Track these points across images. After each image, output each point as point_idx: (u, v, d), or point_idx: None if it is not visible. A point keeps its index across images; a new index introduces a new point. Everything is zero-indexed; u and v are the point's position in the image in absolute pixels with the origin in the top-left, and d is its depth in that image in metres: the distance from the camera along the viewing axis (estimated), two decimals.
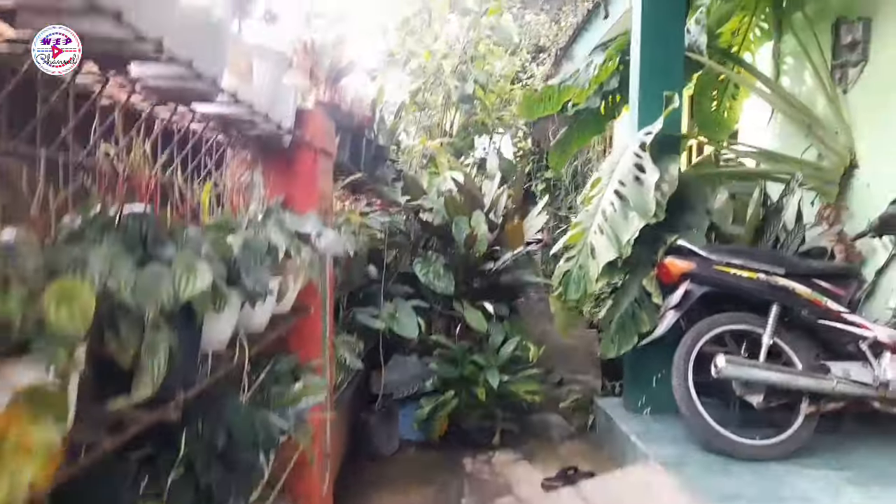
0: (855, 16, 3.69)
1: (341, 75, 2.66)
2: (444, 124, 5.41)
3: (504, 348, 3.57)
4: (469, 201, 3.93)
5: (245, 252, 1.44)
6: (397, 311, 3.50)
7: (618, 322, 3.27)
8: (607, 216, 3.18)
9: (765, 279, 2.88)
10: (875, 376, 2.76)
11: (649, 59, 3.41)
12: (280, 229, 1.70)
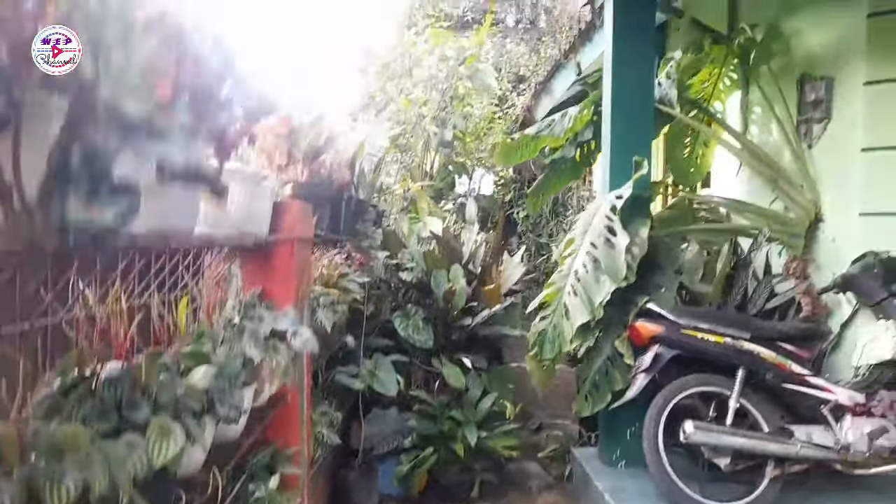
0: (818, 74, 3.82)
1: (319, 153, 2.72)
2: (425, 165, 5.50)
3: (482, 403, 3.64)
4: (448, 254, 4.00)
5: (219, 380, 1.50)
6: (377, 367, 3.55)
7: (591, 381, 3.36)
8: (580, 278, 3.27)
9: (731, 343, 2.98)
10: (836, 440, 2.86)
11: (620, 123, 3.52)
12: (255, 341, 1.75)
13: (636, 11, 3.53)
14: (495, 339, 3.98)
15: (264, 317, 2.02)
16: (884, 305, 3.12)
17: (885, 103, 3.41)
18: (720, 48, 4.26)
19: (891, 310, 3.10)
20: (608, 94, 3.57)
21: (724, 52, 4.30)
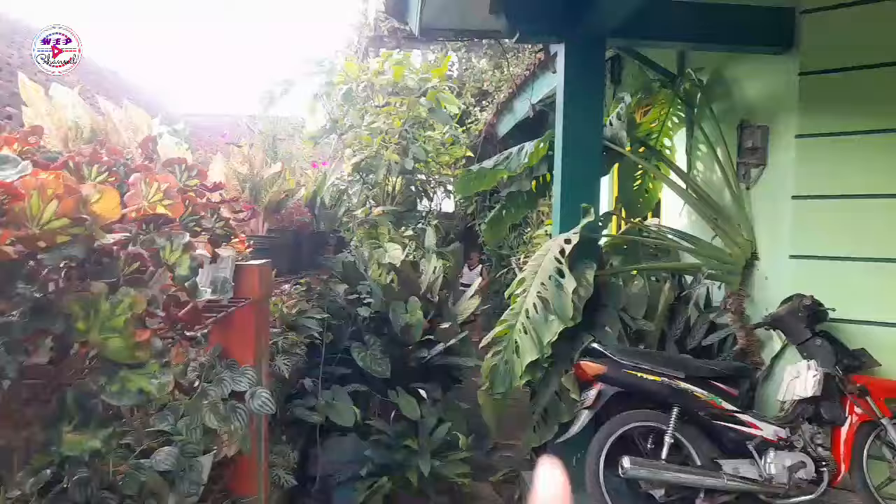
0: (756, 122, 4.08)
1: (280, 206, 2.82)
2: (387, 188, 5.61)
3: (437, 432, 3.80)
4: (406, 286, 4.13)
5: (181, 459, 1.62)
6: (334, 398, 3.67)
7: (540, 413, 3.55)
8: (530, 317, 3.45)
9: (667, 383, 3.20)
10: (760, 473, 3.10)
11: (570, 169, 3.71)
12: (215, 412, 1.86)
13: (586, 61, 3.71)
14: (451, 369, 4.13)
15: (224, 378, 2.13)
16: (807, 345, 3.38)
17: (814, 156, 3.67)
18: (667, 92, 4.49)
19: (813, 349, 3.36)
20: (559, 141, 3.76)
21: (671, 95, 4.53)
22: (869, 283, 3.53)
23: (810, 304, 3.32)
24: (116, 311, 0.72)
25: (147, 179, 0.91)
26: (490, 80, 9.26)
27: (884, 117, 3.51)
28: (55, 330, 0.68)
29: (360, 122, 5.09)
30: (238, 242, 1.65)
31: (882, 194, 3.51)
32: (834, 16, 3.63)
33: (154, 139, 1.29)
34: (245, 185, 2.56)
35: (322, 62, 5.12)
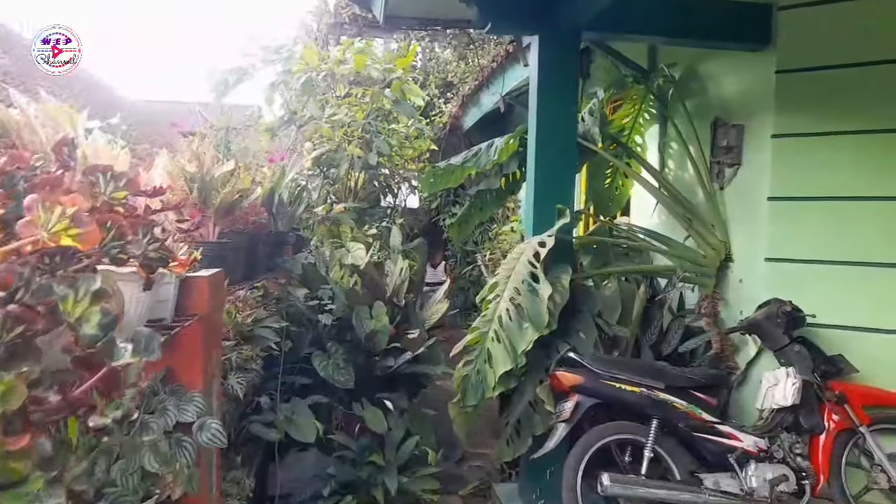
0: (731, 120, 3.98)
1: (233, 207, 2.56)
2: (350, 183, 5.35)
3: (404, 446, 3.59)
4: (371, 289, 3.90)
5: None
6: (294, 412, 3.43)
7: (513, 425, 3.38)
8: (503, 324, 3.26)
9: (646, 394, 3.07)
10: (742, 486, 3.00)
11: (544, 167, 3.54)
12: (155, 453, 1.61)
13: (561, 55, 3.53)
14: (419, 377, 3.93)
15: (168, 408, 1.88)
16: (785, 351, 3.30)
17: (791, 156, 3.58)
18: (640, 88, 4.35)
19: (791, 356, 3.27)
20: (532, 139, 3.58)
21: (643, 91, 4.40)
22: (846, 287, 3.46)
23: (790, 310, 3.24)
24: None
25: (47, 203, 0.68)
26: (455, 72, 9.04)
27: (862, 118, 3.44)
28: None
29: (321, 113, 4.81)
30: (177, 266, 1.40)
31: (860, 197, 3.44)
32: (812, 13, 3.54)
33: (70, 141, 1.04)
34: (193, 186, 2.30)
35: (279, 49, 4.81)
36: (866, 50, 3.42)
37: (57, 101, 1.58)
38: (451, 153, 8.40)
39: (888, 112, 3.38)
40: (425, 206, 8.45)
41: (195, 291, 2.07)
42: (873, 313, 3.41)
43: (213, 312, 2.22)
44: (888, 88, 3.38)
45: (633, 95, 4.51)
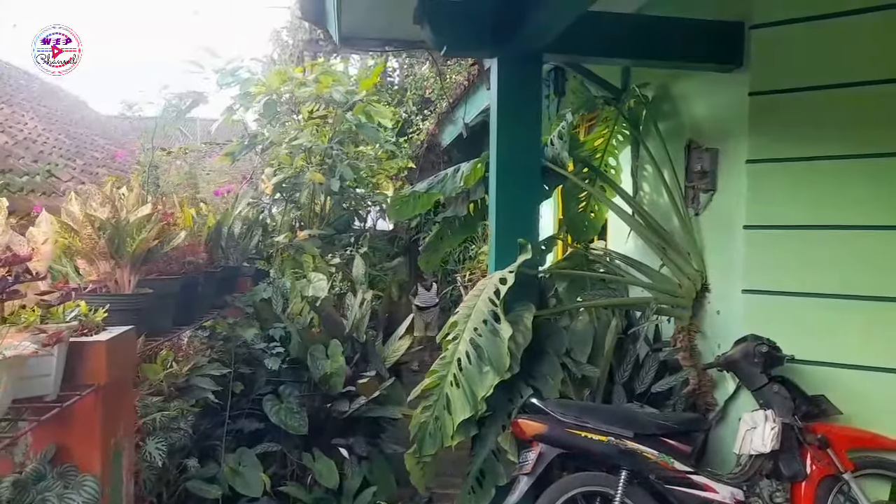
0: (705, 143, 3.79)
1: (153, 252, 2.34)
2: (315, 207, 5.14)
3: (361, 497, 3.36)
4: (329, 326, 3.69)
5: None
6: (241, 463, 3.20)
7: (475, 475, 3.16)
8: (463, 367, 3.05)
9: (615, 443, 2.86)
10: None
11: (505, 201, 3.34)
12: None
13: (522, 79, 3.34)
14: (378, 420, 3.70)
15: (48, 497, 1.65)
16: (763, 391, 3.10)
17: (766, 182, 3.40)
18: (611, 110, 4.17)
19: (770, 396, 3.07)
20: (493, 167, 3.39)
21: (615, 112, 4.22)
22: (827, 320, 3.27)
23: (766, 350, 3.03)
24: None
25: None
26: (432, 88, 8.88)
27: (841, 142, 3.26)
28: None
29: (281, 139, 4.60)
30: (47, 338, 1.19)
31: (840, 226, 3.26)
32: (785, 32, 3.37)
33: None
34: (103, 234, 2.08)
35: (236, 71, 4.60)
36: (844, 70, 3.25)
37: None
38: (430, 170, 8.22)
39: (868, 136, 3.20)
40: (405, 224, 8.25)
41: (90, 358, 1.85)
42: (857, 349, 3.21)
43: (117, 378, 1.99)
44: (868, 111, 3.21)
45: (605, 116, 4.32)
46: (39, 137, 6.09)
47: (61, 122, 8.52)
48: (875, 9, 3.16)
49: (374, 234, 6.30)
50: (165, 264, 2.58)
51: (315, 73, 4.86)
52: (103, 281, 2.15)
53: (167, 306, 2.63)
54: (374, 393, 3.45)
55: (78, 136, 8.23)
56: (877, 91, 3.18)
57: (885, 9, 3.14)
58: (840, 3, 3.22)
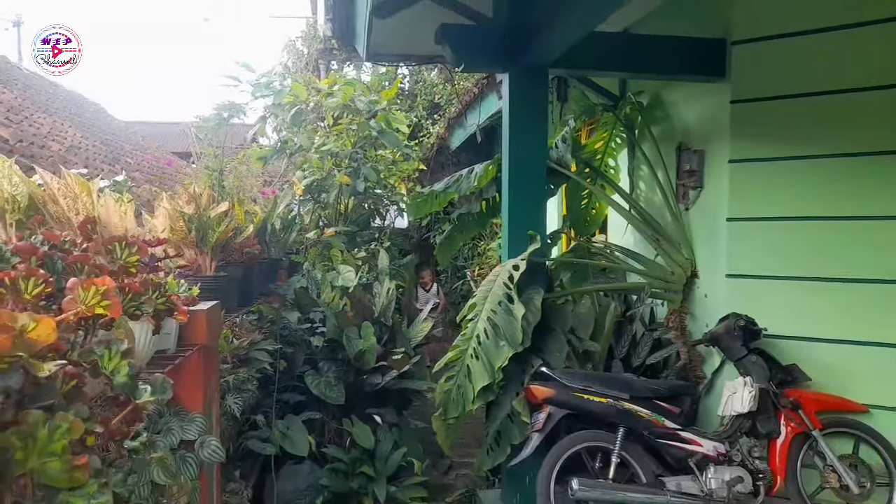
0: (693, 145, 4.26)
1: (228, 244, 2.82)
2: (340, 207, 5.62)
3: (392, 457, 3.84)
4: (359, 310, 4.16)
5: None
6: (288, 428, 3.68)
7: (493, 436, 3.63)
8: (481, 342, 3.53)
9: (613, 404, 3.32)
10: (701, 488, 3.25)
11: (516, 199, 3.81)
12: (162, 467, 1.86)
13: (530, 90, 3.82)
14: (406, 392, 4.18)
15: (172, 427, 2.13)
16: (743, 362, 3.55)
17: (746, 180, 3.85)
18: (610, 115, 4.64)
19: (749, 366, 3.53)
20: (505, 169, 3.86)
21: (613, 118, 4.69)
22: (799, 300, 3.72)
23: (744, 324, 3.50)
24: (55, 438, 0.75)
25: (83, 286, 0.93)
26: (441, 94, 9.35)
27: (809, 144, 3.72)
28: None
29: (310, 144, 5.09)
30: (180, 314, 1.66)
31: (809, 217, 3.71)
32: (762, 47, 3.82)
33: (93, 220, 1.30)
34: (192, 227, 2.56)
35: (269, 84, 5.10)
36: (813, 81, 3.70)
37: None
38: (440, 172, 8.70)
39: (833, 138, 3.66)
40: (416, 223, 8.73)
41: (195, 324, 2.33)
42: (824, 325, 3.67)
43: (210, 341, 2.48)
44: (833, 116, 3.66)
45: (604, 122, 4.79)
46: (82, 144, 6.59)
47: (93, 129, 9.02)
48: (841, 27, 3.61)
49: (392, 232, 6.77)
50: (232, 253, 3.06)
51: (339, 84, 5.34)
52: (190, 265, 2.64)
53: (234, 289, 3.11)
54: (405, 367, 3.92)
55: (108, 143, 8.74)
56: (842, 99, 3.64)
57: (849, 27, 3.59)
58: (809, 22, 3.67)
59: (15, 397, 0.76)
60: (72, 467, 0.76)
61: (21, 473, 0.74)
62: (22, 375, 0.76)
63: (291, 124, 5.05)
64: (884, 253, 3.54)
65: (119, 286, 1.11)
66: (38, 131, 6.01)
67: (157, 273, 1.77)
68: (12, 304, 0.87)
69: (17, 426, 0.74)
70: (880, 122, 3.53)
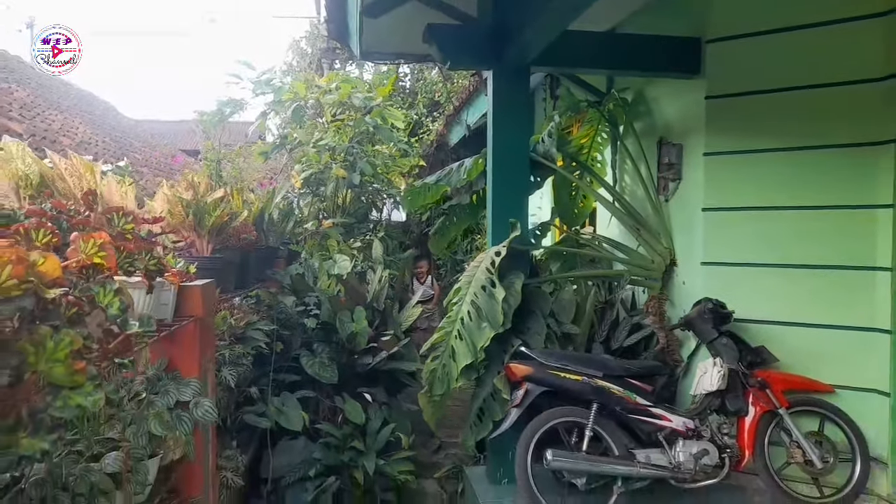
0: (672, 139, 4.44)
1: (224, 228, 3.05)
2: (337, 200, 5.84)
3: (382, 433, 4.06)
4: (352, 296, 4.38)
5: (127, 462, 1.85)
6: (284, 404, 3.90)
7: (476, 413, 3.83)
8: (465, 324, 3.74)
9: (587, 382, 3.52)
10: (670, 460, 3.45)
11: (499, 190, 4.01)
12: (159, 420, 2.09)
13: (513, 87, 4.02)
14: (396, 373, 4.40)
15: (169, 389, 2.36)
16: (714, 344, 3.74)
17: (719, 172, 4.04)
18: (594, 111, 4.84)
19: (719, 347, 3.72)
20: (490, 161, 4.06)
21: (598, 114, 4.88)
22: (768, 286, 3.91)
23: (712, 307, 3.69)
24: (59, 348, 0.96)
25: (84, 238, 1.15)
26: (441, 91, 9.56)
27: (779, 137, 3.90)
28: (12, 363, 0.92)
29: (309, 139, 5.32)
30: (171, 276, 1.87)
31: (780, 206, 3.89)
32: (735, 45, 4.01)
33: (94, 192, 1.53)
34: (189, 211, 2.78)
35: (270, 81, 5.33)
36: (783, 77, 3.88)
37: None
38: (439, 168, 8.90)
39: (801, 132, 3.84)
40: (416, 217, 8.95)
41: (190, 297, 2.56)
42: (792, 309, 3.85)
43: (206, 315, 2.70)
44: (801, 111, 3.84)
45: (590, 118, 4.99)
46: (91, 141, 6.87)
47: (103, 126, 9.32)
48: (808, 26, 3.79)
49: (388, 225, 6.99)
50: (229, 238, 3.29)
51: (336, 82, 5.56)
52: (188, 246, 2.86)
53: (230, 271, 3.33)
54: (394, 349, 4.14)
55: (118, 139, 9.03)
56: (809, 94, 3.82)
57: (815, 26, 3.77)
58: (778, 21, 3.85)
59: (28, 316, 0.98)
60: (73, 371, 0.98)
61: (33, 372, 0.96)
62: (34, 299, 0.98)
63: (291, 120, 5.27)
64: (848, 240, 3.72)
65: (115, 246, 1.33)
66: (50, 127, 6.28)
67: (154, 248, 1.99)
68: (25, 249, 1.09)
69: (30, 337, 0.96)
70: (844, 117, 3.71)
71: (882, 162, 3.59)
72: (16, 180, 1.63)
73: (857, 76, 3.66)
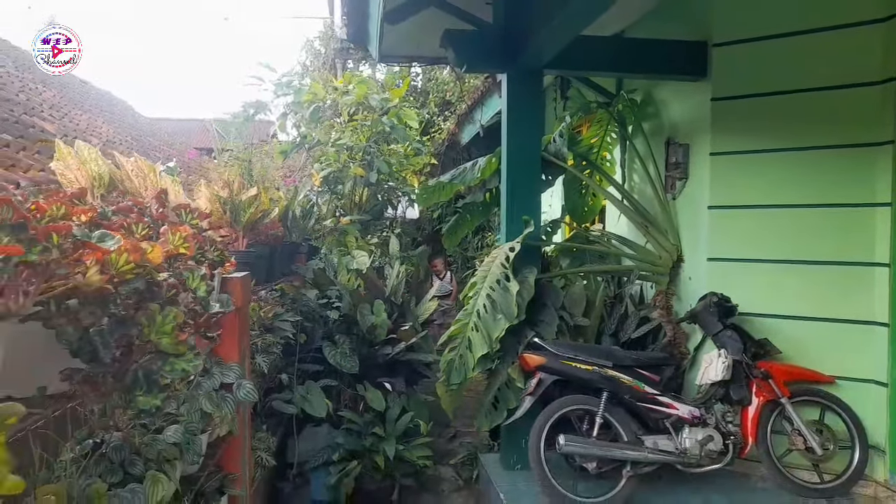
0: (679, 139, 4.61)
1: (257, 225, 3.25)
2: (355, 198, 6.04)
3: (401, 421, 4.26)
4: (372, 290, 4.58)
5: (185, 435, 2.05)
6: (308, 392, 4.10)
7: (491, 401, 4.03)
8: (480, 316, 3.93)
9: (598, 371, 3.70)
10: (676, 446, 3.63)
11: (513, 188, 4.19)
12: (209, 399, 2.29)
13: (526, 90, 4.20)
14: (413, 364, 4.60)
15: (214, 372, 2.56)
16: (719, 336, 3.91)
17: (725, 171, 4.21)
18: (604, 112, 5.01)
19: (724, 340, 3.89)
20: (504, 161, 4.25)
21: (607, 115, 5.06)
22: (771, 281, 4.08)
23: (717, 300, 3.86)
24: (166, 321, 1.16)
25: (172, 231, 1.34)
26: (452, 91, 9.75)
27: (782, 138, 4.06)
28: (131, 333, 1.12)
29: (327, 138, 5.52)
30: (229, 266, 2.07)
31: (783, 205, 4.06)
32: (740, 49, 4.17)
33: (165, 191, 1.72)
34: (226, 208, 2.98)
35: (290, 84, 5.53)
36: (786, 80, 4.04)
37: None
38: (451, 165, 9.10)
39: (803, 133, 4.00)
40: (428, 215, 9.15)
41: (232, 288, 2.75)
42: (794, 303, 4.02)
43: (244, 305, 2.90)
44: (803, 113, 4.00)
45: (599, 118, 5.16)
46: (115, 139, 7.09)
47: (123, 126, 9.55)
48: (810, 31, 3.95)
49: (403, 222, 7.19)
50: (259, 234, 3.49)
51: (353, 83, 5.76)
52: (232, 241, 3.07)
53: (262, 264, 3.54)
54: (412, 339, 4.34)
55: (138, 138, 9.27)
56: (811, 97, 3.98)
57: (817, 31, 3.93)
58: (782, 26, 4.01)
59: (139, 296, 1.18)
60: (177, 342, 1.18)
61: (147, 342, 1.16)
62: (144, 282, 1.18)
63: (310, 120, 5.47)
64: (848, 237, 3.88)
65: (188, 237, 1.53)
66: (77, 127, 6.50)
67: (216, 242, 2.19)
68: None
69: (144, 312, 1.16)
70: (845, 119, 3.87)
71: (881, 162, 3.75)
72: (91, 180, 1.83)
73: (857, 79, 3.81)
